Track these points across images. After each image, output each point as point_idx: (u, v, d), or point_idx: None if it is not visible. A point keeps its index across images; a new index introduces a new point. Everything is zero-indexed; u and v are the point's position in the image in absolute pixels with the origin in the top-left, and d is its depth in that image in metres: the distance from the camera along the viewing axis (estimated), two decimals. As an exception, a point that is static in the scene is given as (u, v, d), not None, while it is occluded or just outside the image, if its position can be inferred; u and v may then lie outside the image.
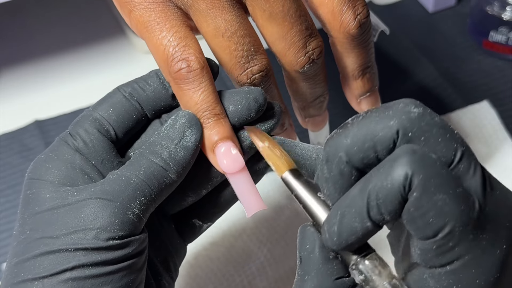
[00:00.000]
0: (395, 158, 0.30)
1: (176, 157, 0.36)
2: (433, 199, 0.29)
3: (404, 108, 0.31)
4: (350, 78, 0.45)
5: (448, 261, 0.30)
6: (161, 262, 0.40)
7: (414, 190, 0.29)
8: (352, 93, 0.46)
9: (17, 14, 0.80)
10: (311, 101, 0.45)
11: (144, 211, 0.35)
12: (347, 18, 0.40)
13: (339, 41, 0.42)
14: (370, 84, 0.45)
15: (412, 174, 0.29)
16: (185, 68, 0.37)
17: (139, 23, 0.38)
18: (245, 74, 0.39)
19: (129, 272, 0.34)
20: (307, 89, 0.43)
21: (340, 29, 0.41)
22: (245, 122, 0.38)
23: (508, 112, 0.66)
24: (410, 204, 0.29)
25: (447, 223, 0.29)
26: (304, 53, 0.40)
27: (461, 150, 0.30)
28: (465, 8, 0.78)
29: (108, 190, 0.34)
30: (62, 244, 0.33)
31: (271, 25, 0.39)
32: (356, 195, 0.31)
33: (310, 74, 0.42)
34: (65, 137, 0.38)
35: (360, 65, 0.43)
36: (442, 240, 0.29)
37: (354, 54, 0.43)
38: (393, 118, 0.31)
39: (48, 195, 0.35)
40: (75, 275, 0.33)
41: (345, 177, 0.32)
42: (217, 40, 0.39)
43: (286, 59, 0.40)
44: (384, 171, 0.30)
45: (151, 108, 0.39)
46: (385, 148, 0.31)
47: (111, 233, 0.33)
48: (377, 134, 0.31)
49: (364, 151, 0.31)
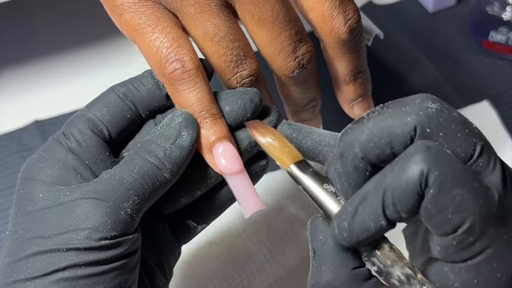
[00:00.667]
0: (409, 155, 0.30)
1: (171, 157, 0.36)
2: (450, 195, 0.29)
3: (422, 104, 0.31)
4: (342, 83, 0.44)
5: (469, 256, 0.30)
6: (155, 262, 0.40)
7: (431, 187, 0.29)
8: (344, 98, 0.45)
9: (17, 14, 0.80)
10: (303, 105, 0.44)
11: (137, 210, 0.35)
12: (337, 23, 0.40)
13: (330, 46, 0.42)
14: (363, 89, 0.45)
15: (428, 171, 0.29)
16: (180, 69, 0.37)
17: (129, 26, 0.38)
18: (235, 79, 0.39)
19: (121, 272, 0.34)
20: (298, 93, 0.43)
21: (330, 34, 0.41)
22: (241, 123, 0.38)
23: (508, 112, 0.66)
24: (427, 201, 0.29)
25: (467, 218, 0.29)
26: (294, 58, 0.40)
27: (481, 145, 0.30)
28: (465, 8, 0.78)
29: (101, 189, 0.34)
30: (54, 244, 0.33)
31: (260, 30, 0.39)
32: (370, 193, 0.30)
33: (300, 79, 0.41)
34: (58, 136, 0.38)
35: (351, 70, 0.43)
36: (462, 236, 0.29)
37: (345, 59, 0.42)
38: (410, 114, 0.30)
39: (41, 195, 0.35)
40: (67, 275, 0.33)
41: (360, 172, 0.32)
42: (206, 44, 0.39)
43: (276, 64, 0.40)
44: (398, 169, 0.30)
45: (145, 108, 0.39)
46: (402, 144, 0.31)
47: (103, 233, 0.33)
48: (394, 130, 0.30)
49: (380, 147, 0.31)
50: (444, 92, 0.68)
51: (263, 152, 0.40)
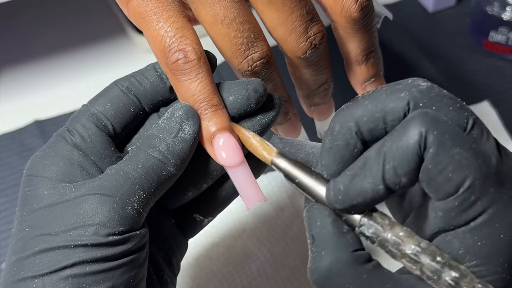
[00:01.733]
0: (408, 121, 0.30)
1: (174, 150, 0.36)
2: (450, 153, 0.29)
3: (413, 83, 0.32)
4: (354, 64, 0.44)
5: (471, 217, 0.30)
6: (163, 258, 0.40)
7: (430, 146, 0.30)
8: (356, 79, 0.45)
9: (17, 14, 0.80)
10: (315, 88, 0.44)
11: (143, 205, 0.35)
12: (348, 2, 0.40)
13: (341, 26, 0.41)
14: (375, 69, 0.44)
15: (426, 131, 0.30)
16: (182, 59, 0.36)
17: (136, 13, 0.38)
18: (246, 62, 0.39)
19: (130, 268, 0.34)
20: (310, 76, 0.42)
21: (341, 13, 0.40)
22: (245, 113, 0.38)
23: (509, 112, 0.66)
24: (427, 162, 0.30)
25: (467, 177, 0.29)
26: (306, 39, 0.39)
27: (473, 118, 0.31)
28: (465, 8, 0.78)
29: (107, 185, 0.34)
30: (61, 241, 0.33)
31: (270, 10, 0.39)
32: (371, 157, 0.31)
33: (312, 60, 0.41)
34: (63, 133, 0.37)
35: (363, 49, 0.43)
36: (463, 195, 0.30)
37: (356, 38, 0.42)
38: (404, 91, 0.32)
39: (46, 192, 0.35)
40: (75, 272, 0.33)
41: (349, 148, 0.32)
42: (216, 27, 0.38)
43: (288, 45, 0.40)
44: (398, 133, 0.30)
45: (149, 102, 0.39)
46: (395, 119, 0.31)
47: (111, 229, 0.33)
48: (388, 105, 0.31)
49: (374, 122, 0.32)
50: (444, 92, 0.68)
51: None
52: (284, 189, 0.60)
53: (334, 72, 0.44)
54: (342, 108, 0.33)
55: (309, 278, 0.32)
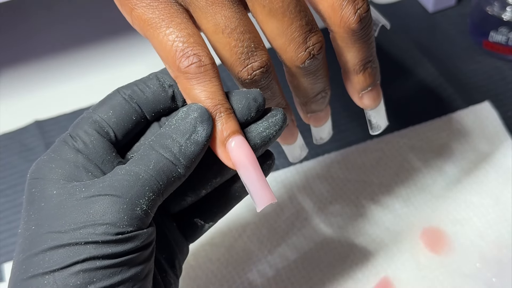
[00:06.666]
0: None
1: (186, 152, 0.36)
2: None
3: None
4: (351, 73, 0.44)
5: None
6: (166, 260, 0.40)
7: None
8: (353, 87, 0.45)
9: (17, 14, 0.80)
10: (312, 96, 0.44)
11: (151, 206, 0.35)
12: (347, 13, 0.40)
13: (339, 36, 0.42)
14: (372, 78, 0.45)
15: None
16: (196, 63, 0.37)
17: (142, 21, 0.38)
18: (246, 70, 0.39)
19: (138, 263, 0.35)
20: (308, 84, 0.43)
21: (340, 24, 0.41)
22: (246, 122, 0.38)
23: (509, 113, 0.66)
24: None
25: None
26: (305, 49, 0.40)
27: None
28: (465, 8, 0.78)
29: (117, 186, 0.35)
30: (72, 238, 0.33)
31: (271, 21, 0.39)
32: None
33: (311, 70, 0.41)
34: (65, 138, 0.38)
35: (361, 59, 0.43)
36: None
37: (355, 49, 0.42)
38: None
39: (55, 191, 0.35)
40: (86, 267, 0.33)
41: None
42: (217, 36, 0.39)
43: (287, 54, 0.40)
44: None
45: (151, 111, 0.39)
46: None
47: (120, 229, 0.34)
48: None
49: None
50: (444, 92, 0.68)
51: (269, 152, 0.41)
52: (284, 189, 0.60)
53: (331, 79, 0.44)
54: None
55: None
